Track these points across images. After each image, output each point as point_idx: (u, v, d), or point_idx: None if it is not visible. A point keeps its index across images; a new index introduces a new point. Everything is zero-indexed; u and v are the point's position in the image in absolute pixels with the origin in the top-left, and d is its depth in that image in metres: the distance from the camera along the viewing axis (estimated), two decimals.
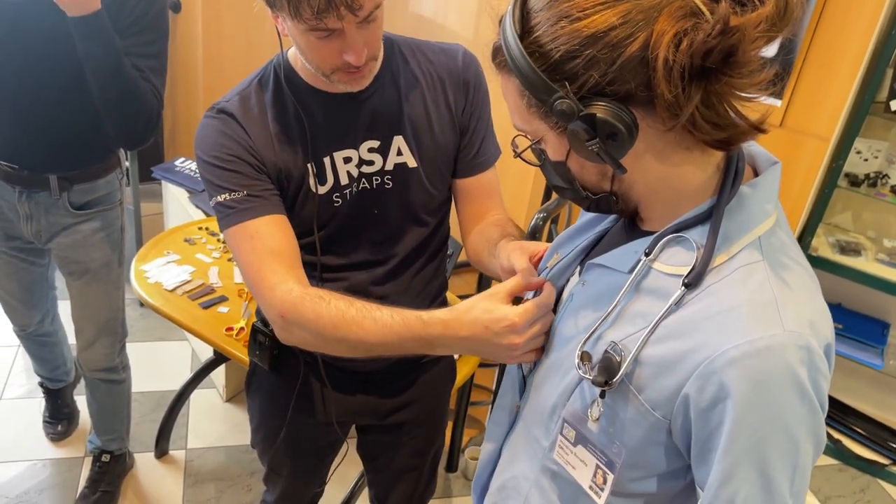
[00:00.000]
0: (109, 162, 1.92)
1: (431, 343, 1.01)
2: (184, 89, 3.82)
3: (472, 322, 0.96)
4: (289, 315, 1.12)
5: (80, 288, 2.01)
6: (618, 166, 0.74)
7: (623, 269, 0.83)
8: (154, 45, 1.71)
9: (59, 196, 1.84)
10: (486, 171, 1.36)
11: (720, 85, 0.69)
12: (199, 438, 2.66)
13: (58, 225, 1.90)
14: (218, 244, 2.49)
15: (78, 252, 1.94)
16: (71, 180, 1.84)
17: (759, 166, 0.82)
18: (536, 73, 0.72)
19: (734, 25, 0.65)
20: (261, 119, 1.21)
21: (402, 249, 1.33)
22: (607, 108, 0.70)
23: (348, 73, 1.14)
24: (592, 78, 0.70)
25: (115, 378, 2.22)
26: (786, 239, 0.80)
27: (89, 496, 2.30)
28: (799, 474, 0.74)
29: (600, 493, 0.85)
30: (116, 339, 2.15)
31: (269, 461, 1.59)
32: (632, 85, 0.69)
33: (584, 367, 0.82)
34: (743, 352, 0.70)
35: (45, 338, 2.35)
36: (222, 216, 1.19)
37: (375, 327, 1.05)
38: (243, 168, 1.19)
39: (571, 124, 0.72)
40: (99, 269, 1.99)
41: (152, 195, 3.64)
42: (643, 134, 0.72)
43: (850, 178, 2.71)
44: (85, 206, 1.90)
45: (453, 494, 2.56)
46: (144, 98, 1.67)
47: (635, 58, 0.68)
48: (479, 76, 1.32)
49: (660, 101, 0.69)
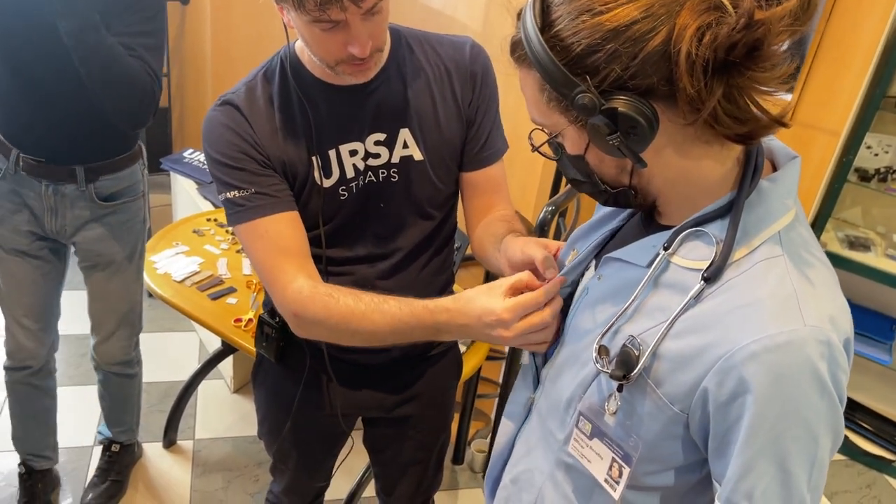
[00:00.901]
0: (133, 152, 1.92)
1: (438, 329, 1.06)
2: (193, 80, 3.83)
3: (469, 312, 1.00)
4: (301, 313, 1.17)
5: (103, 280, 2.01)
6: (638, 160, 0.74)
7: (641, 264, 0.83)
8: (148, 22, 1.69)
9: (86, 188, 1.84)
10: (493, 164, 1.35)
11: (742, 79, 0.69)
12: (207, 429, 2.68)
13: (82, 218, 1.90)
14: (226, 235, 2.50)
15: (103, 245, 1.95)
16: (97, 171, 1.84)
17: (777, 161, 0.82)
18: (558, 66, 0.71)
19: (759, 19, 0.65)
20: (266, 111, 1.21)
21: (408, 243, 1.33)
22: (629, 103, 0.70)
23: (353, 64, 1.13)
24: (614, 72, 0.69)
25: (129, 372, 2.23)
26: (805, 234, 0.80)
27: (99, 485, 2.32)
28: (817, 468, 0.74)
29: (616, 487, 0.86)
30: (134, 332, 2.16)
31: (276, 453, 1.60)
32: (653, 79, 0.69)
33: (602, 361, 0.82)
34: (763, 346, 0.70)
35: (45, 382, 2.13)
36: (231, 213, 1.21)
37: (385, 319, 1.10)
38: (250, 165, 1.19)
39: (593, 118, 0.72)
40: (123, 260, 2.00)
41: (161, 186, 3.65)
42: (663, 128, 0.72)
43: (860, 174, 2.70)
44: (111, 197, 1.90)
45: (459, 486, 2.57)
46: (135, 75, 1.64)
47: (657, 52, 0.68)
48: (486, 69, 1.31)
49: (681, 96, 0.69)
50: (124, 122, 1.75)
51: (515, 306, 0.94)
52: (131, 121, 1.75)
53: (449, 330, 1.05)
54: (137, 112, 1.71)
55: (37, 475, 2.22)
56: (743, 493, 0.74)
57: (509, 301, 0.95)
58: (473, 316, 0.99)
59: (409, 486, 1.67)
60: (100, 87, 1.62)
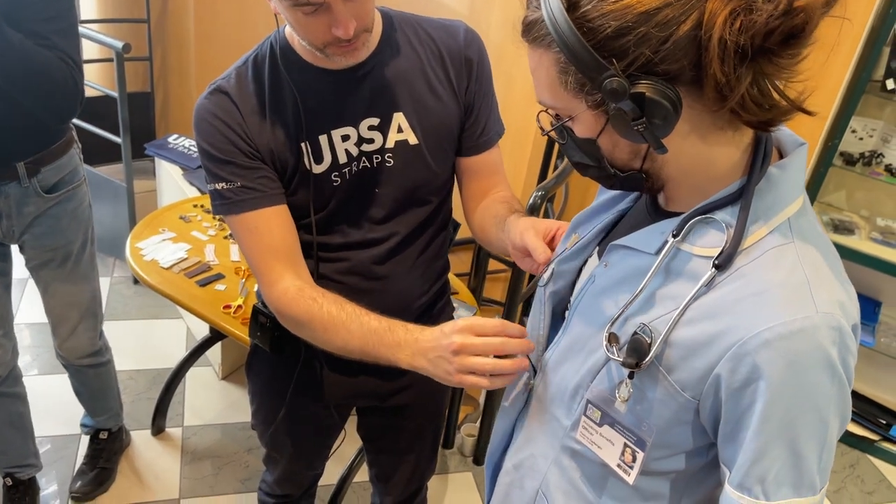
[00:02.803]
0: (68, 137, 1.87)
1: (399, 344, 1.08)
2: (176, 65, 3.78)
3: (427, 330, 1.04)
4: (284, 312, 1.22)
5: (60, 275, 1.95)
6: (659, 146, 0.73)
7: (649, 251, 0.82)
8: (53, 4, 1.59)
9: (29, 182, 1.79)
10: (491, 148, 1.35)
11: (769, 65, 0.68)
12: (196, 416, 2.67)
13: (29, 215, 1.84)
14: (213, 222, 2.48)
15: (56, 238, 1.90)
16: (37, 163, 1.79)
17: (784, 147, 0.82)
18: (586, 48, 0.69)
19: (799, 6, 0.64)
20: (256, 97, 1.20)
21: (404, 228, 1.32)
22: (656, 88, 0.69)
23: (340, 46, 1.12)
24: (643, 56, 0.68)
25: (101, 361, 2.20)
26: (813, 220, 0.80)
27: (87, 472, 2.30)
28: (826, 450, 0.75)
29: (630, 471, 0.86)
30: (98, 321, 2.13)
31: (269, 442, 1.59)
32: (681, 64, 0.68)
33: (612, 349, 0.82)
34: (777, 333, 0.70)
35: (15, 389, 2.07)
36: (219, 204, 1.21)
37: (360, 331, 1.12)
38: (238, 158, 1.18)
39: (620, 103, 0.70)
40: (78, 250, 1.96)
41: (145, 172, 3.61)
42: (683, 114, 0.71)
43: (845, 157, 2.72)
44: (54, 188, 1.85)
45: (450, 470, 2.58)
46: (52, 68, 1.58)
47: (688, 36, 0.67)
48: (481, 53, 1.31)
49: (709, 82, 0.68)
50: (49, 117, 1.69)
51: (465, 326, 0.97)
52: (56, 115, 1.69)
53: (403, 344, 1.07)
54: (61, 105, 1.66)
55: (23, 486, 2.17)
56: (755, 478, 0.74)
57: (458, 339, 0.97)
58: (428, 332, 1.03)
59: (404, 474, 1.68)
60: (15, 87, 1.56)
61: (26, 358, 2.81)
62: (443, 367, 0.99)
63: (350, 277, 1.32)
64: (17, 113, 1.67)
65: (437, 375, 1.01)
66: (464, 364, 0.96)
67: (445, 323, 1.01)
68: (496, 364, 0.95)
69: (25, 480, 2.17)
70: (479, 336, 0.96)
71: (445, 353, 0.98)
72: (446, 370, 0.99)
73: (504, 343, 0.96)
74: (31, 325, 2.99)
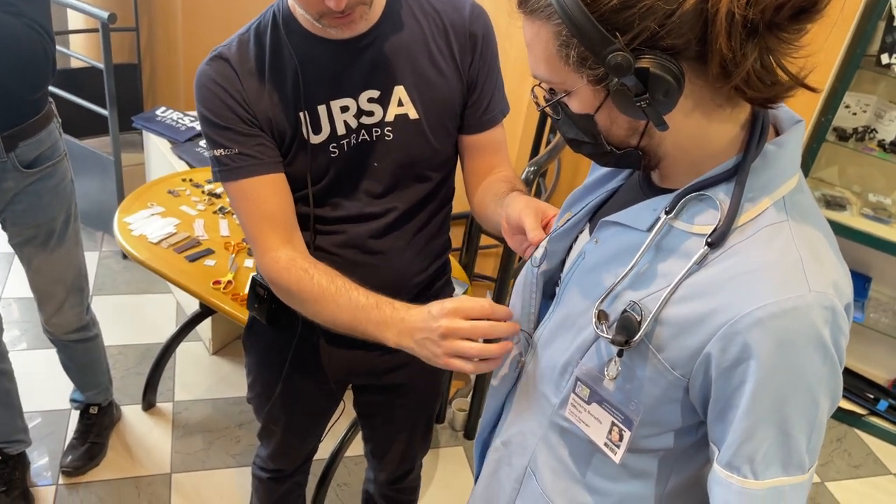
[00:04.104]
0: (46, 112, 1.83)
1: (386, 322, 1.07)
2: (163, 37, 3.72)
3: (413, 309, 1.04)
4: (275, 281, 1.22)
5: (44, 252, 1.93)
6: (660, 122, 0.71)
7: (641, 228, 0.81)
8: None
9: (7, 157, 1.76)
10: (494, 127, 1.33)
11: (775, 40, 0.67)
12: (187, 391, 2.67)
13: (10, 191, 1.81)
14: (203, 196, 2.45)
15: (38, 215, 1.87)
16: (14, 137, 1.75)
17: (781, 124, 0.80)
18: (591, 21, 0.67)
19: None
20: (257, 65, 1.19)
21: (403, 204, 1.31)
22: (660, 63, 0.67)
23: (336, 18, 1.10)
24: (648, 29, 0.66)
25: (88, 335, 2.18)
26: (809, 198, 0.79)
27: (78, 447, 2.30)
28: (816, 430, 0.75)
29: (616, 450, 0.86)
30: (84, 296, 2.11)
31: (265, 417, 1.59)
32: (686, 38, 0.66)
33: (601, 326, 0.82)
34: (769, 312, 0.69)
35: (1, 366, 2.07)
36: (217, 170, 1.21)
37: (349, 306, 1.12)
38: (236, 125, 1.18)
39: (624, 78, 0.68)
40: (62, 226, 1.93)
41: (133, 145, 3.58)
42: (685, 89, 0.69)
43: (838, 133, 2.71)
44: (34, 163, 1.82)
45: (440, 445, 2.59)
46: (19, 36, 1.53)
47: (693, 10, 0.65)
48: (487, 29, 1.28)
49: (714, 57, 0.66)
50: (19, 87, 1.65)
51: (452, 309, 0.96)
52: (27, 86, 1.65)
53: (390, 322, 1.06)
54: (32, 76, 1.62)
55: (13, 461, 2.17)
56: (744, 457, 0.74)
57: (444, 323, 0.96)
58: (415, 311, 1.03)
59: (398, 451, 1.69)
60: None
61: (14, 333, 2.80)
62: (430, 349, 0.99)
63: (346, 251, 1.31)
64: None
65: (424, 356, 1.01)
66: (451, 348, 0.96)
67: (433, 303, 1.00)
68: (483, 349, 0.95)
69: (15, 455, 2.17)
70: (467, 319, 0.95)
71: (433, 336, 0.97)
72: (433, 352, 0.98)
73: (492, 327, 0.95)
74: (19, 299, 2.97)
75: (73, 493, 2.22)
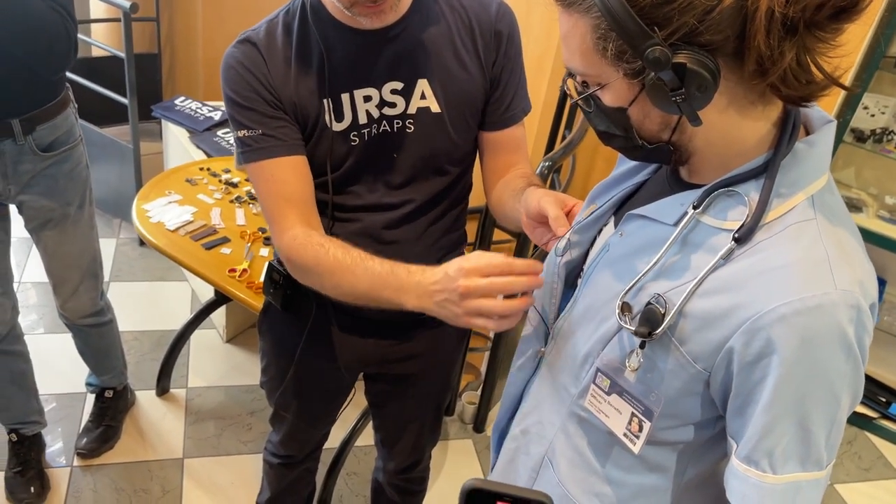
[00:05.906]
0: (63, 97, 1.86)
1: (401, 286, 1.06)
2: (183, 28, 3.75)
3: (429, 270, 1.02)
4: (293, 259, 1.22)
5: (59, 236, 1.96)
6: (694, 118, 0.72)
7: (667, 222, 0.82)
8: None
9: (24, 140, 1.79)
10: (515, 125, 1.34)
11: (812, 38, 0.67)
12: (200, 378, 2.69)
13: (27, 174, 1.84)
14: (220, 185, 2.48)
15: (53, 198, 1.90)
16: (32, 121, 1.78)
17: (811, 124, 0.81)
18: (631, 15, 0.68)
19: None
20: (283, 51, 1.21)
21: (420, 196, 1.32)
22: (698, 59, 0.67)
23: (367, 6, 1.12)
24: (686, 24, 0.66)
25: (103, 321, 2.21)
26: (837, 198, 0.79)
27: (93, 430, 2.34)
28: (836, 427, 0.75)
29: (636, 441, 0.86)
30: (98, 281, 2.14)
31: (277, 401, 1.61)
32: (724, 35, 0.66)
33: (625, 318, 0.82)
34: (794, 309, 0.69)
35: (16, 347, 2.08)
36: (240, 151, 1.23)
37: (366, 275, 1.11)
38: (260, 106, 1.20)
39: (662, 73, 0.69)
40: (76, 211, 1.96)
41: (151, 134, 3.61)
42: (721, 86, 0.70)
43: (856, 134, 2.70)
44: (50, 147, 1.85)
45: (450, 437, 2.61)
46: (43, 17, 1.56)
47: (733, 6, 0.65)
48: (512, 27, 1.29)
49: (751, 54, 0.66)
50: (42, 68, 1.68)
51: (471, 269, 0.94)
52: (50, 66, 1.68)
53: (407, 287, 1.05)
54: (53, 56, 1.65)
55: (28, 442, 2.20)
56: (763, 452, 0.75)
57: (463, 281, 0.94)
58: (430, 273, 1.01)
59: (408, 442, 1.70)
60: (6, 38, 1.55)
61: (32, 317, 2.84)
62: (450, 310, 0.98)
63: (360, 239, 1.32)
64: (10, 66, 1.67)
65: (445, 317, 1.00)
66: (471, 307, 0.95)
67: (450, 262, 0.99)
68: (504, 305, 0.94)
69: (30, 436, 2.20)
70: (485, 277, 0.95)
71: (453, 297, 0.96)
72: (454, 312, 0.97)
73: (511, 283, 0.94)
74: (38, 284, 3.01)
75: (87, 475, 2.25)
